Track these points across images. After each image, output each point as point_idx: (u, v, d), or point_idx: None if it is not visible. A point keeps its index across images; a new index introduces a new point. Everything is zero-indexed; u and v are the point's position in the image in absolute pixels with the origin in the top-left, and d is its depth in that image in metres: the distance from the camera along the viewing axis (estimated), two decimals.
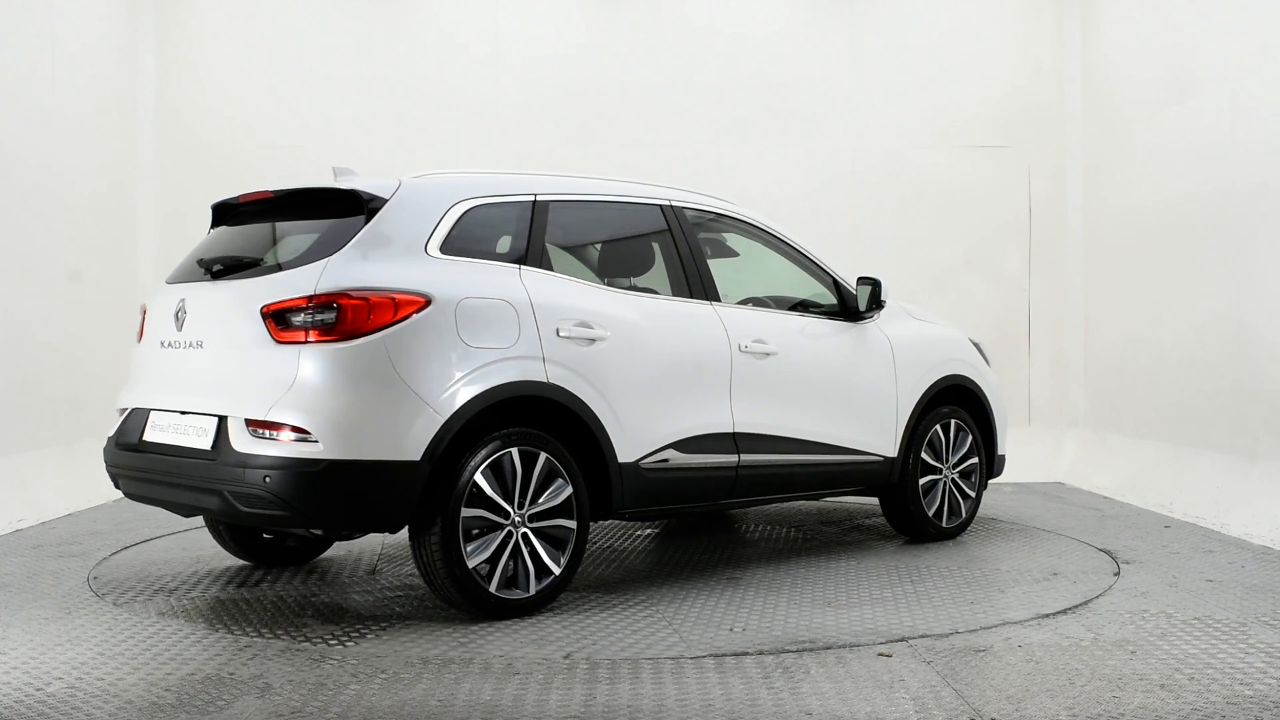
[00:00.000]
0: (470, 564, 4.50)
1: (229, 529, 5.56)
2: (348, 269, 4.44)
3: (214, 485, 4.46)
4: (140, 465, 4.90)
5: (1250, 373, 6.93)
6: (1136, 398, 8.44)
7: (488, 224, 4.91)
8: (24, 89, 7.49)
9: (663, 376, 5.10)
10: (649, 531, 6.74)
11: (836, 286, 6.04)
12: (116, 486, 5.15)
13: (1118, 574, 5.51)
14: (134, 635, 4.48)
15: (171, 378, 4.85)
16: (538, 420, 4.81)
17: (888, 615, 4.74)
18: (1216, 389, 7.30)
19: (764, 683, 3.85)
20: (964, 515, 6.47)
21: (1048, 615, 4.73)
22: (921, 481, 6.21)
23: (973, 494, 6.52)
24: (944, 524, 6.35)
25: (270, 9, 9.38)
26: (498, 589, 4.58)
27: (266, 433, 4.35)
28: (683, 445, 5.17)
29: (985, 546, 6.23)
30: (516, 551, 4.64)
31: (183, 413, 4.70)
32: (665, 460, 5.11)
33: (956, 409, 6.41)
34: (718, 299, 5.49)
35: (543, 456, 4.68)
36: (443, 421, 4.39)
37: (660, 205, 5.53)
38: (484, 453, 4.54)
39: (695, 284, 5.43)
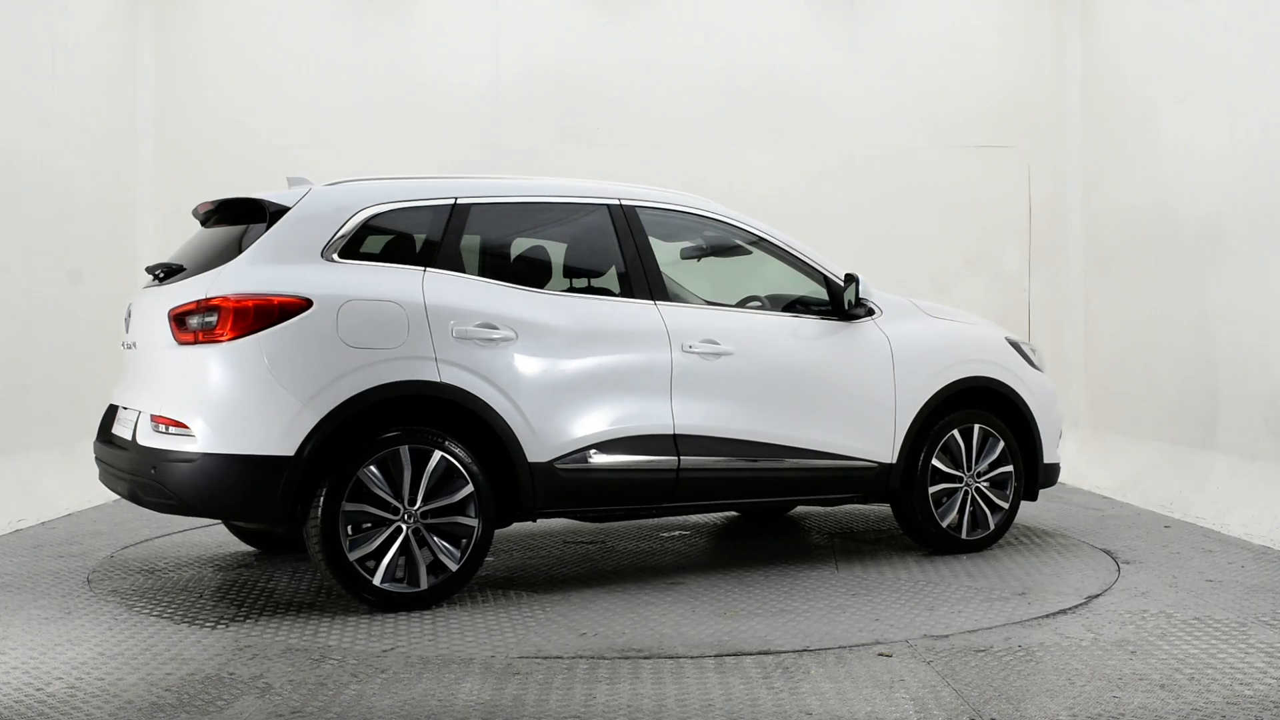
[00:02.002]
0: (352, 556, 4.68)
1: None
2: (239, 274, 4.72)
3: (126, 475, 4.90)
4: (104, 457, 5.25)
5: (1250, 373, 6.93)
6: (1136, 398, 8.44)
7: (397, 228, 5.08)
8: (24, 89, 7.49)
9: (584, 377, 5.07)
10: (678, 533, 6.71)
11: (827, 284, 5.77)
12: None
13: (1118, 574, 5.51)
14: (134, 635, 4.48)
15: (127, 376, 5.28)
16: (439, 419, 4.90)
17: (775, 627, 4.53)
18: (1216, 389, 7.30)
19: (764, 683, 3.85)
20: (991, 527, 6.00)
21: (1048, 615, 4.73)
22: (933, 490, 5.84)
23: (1005, 505, 6.04)
24: (964, 535, 5.93)
25: (270, 9, 9.38)
26: (382, 582, 4.73)
27: (161, 427, 4.72)
28: (608, 446, 5.10)
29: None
30: (408, 547, 4.76)
31: (124, 408, 5.14)
32: (586, 461, 5.06)
33: (982, 413, 6.00)
34: (665, 298, 5.38)
35: (437, 454, 4.79)
36: (318, 419, 4.59)
37: (608, 204, 5.45)
38: (368, 449, 4.69)
39: (639, 283, 5.36)
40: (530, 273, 5.39)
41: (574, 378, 5.06)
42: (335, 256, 4.84)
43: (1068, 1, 9.47)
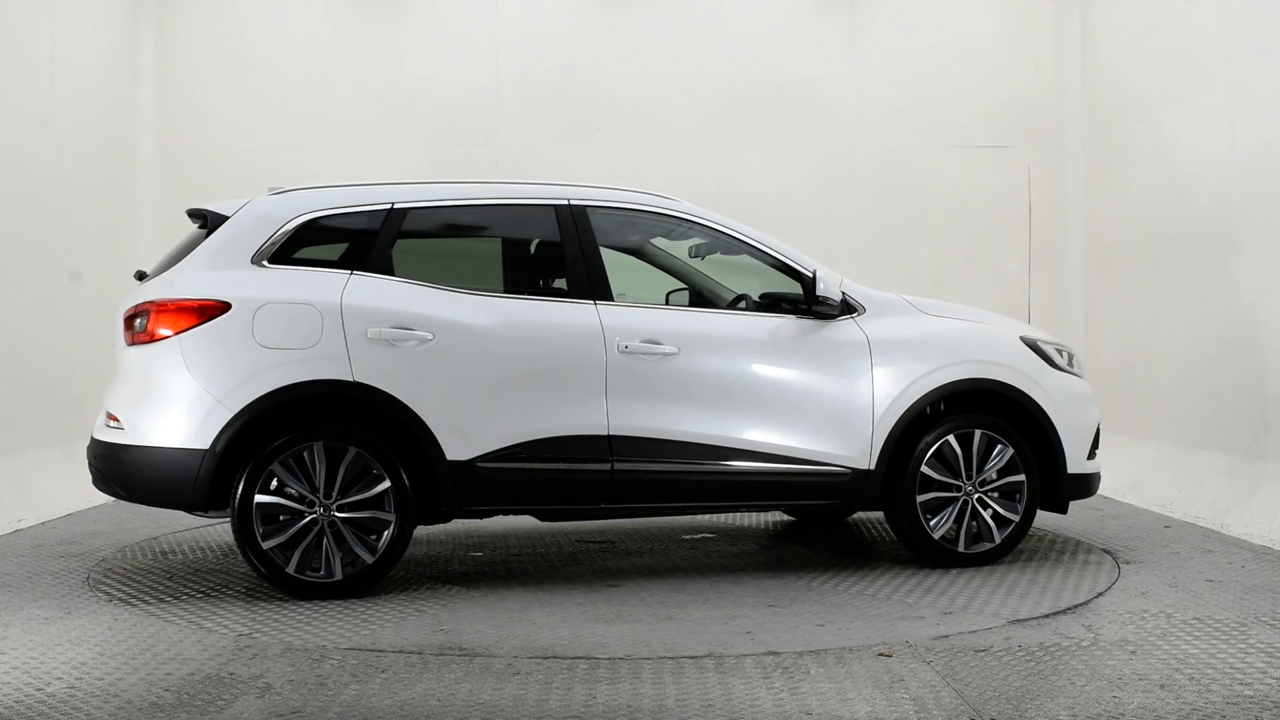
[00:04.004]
0: (265, 545, 4.93)
1: None
2: (174, 280, 5.13)
3: (90, 466, 5.36)
4: None
5: (1250, 373, 6.93)
6: (1136, 398, 8.44)
7: (329, 234, 5.30)
8: (24, 90, 7.49)
9: (508, 376, 5.14)
10: (701, 535, 6.64)
11: (801, 282, 5.54)
12: None
13: (1118, 574, 5.51)
14: (134, 635, 4.48)
15: None
16: (361, 417, 5.11)
17: (622, 635, 4.44)
18: (1216, 389, 7.30)
19: (764, 683, 3.85)
20: (996, 541, 5.59)
21: (1048, 615, 4.73)
22: (922, 498, 5.51)
23: (1016, 517, 5.62)
24: (961, 548, 5.57)
25: (269, 9, 9.38)
26: (295, 570, 4.97)
27: (108, 421, 5.19)
28: (536, 446, 5.14)
29: None
30: (322, 538, 4.99)
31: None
32: (510, 460, 5.11)
33: (986, 418, 5.61)
34: (609, 298, 5.34)
35: (352, 451, 4.98)
36: (230, 415, 4.90)
37: (556, 205, 5.45)
38: (280, 444, 4.94)
39: (581, 284, 5.34)
40: (467, 274, 5.45)
41: (497, 378, 5.14)
42: (265, 262, 5.12)
43: (1068, 2, 9.48)
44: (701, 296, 5.93)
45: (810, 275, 5.47)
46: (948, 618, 4.70)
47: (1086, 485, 5.89)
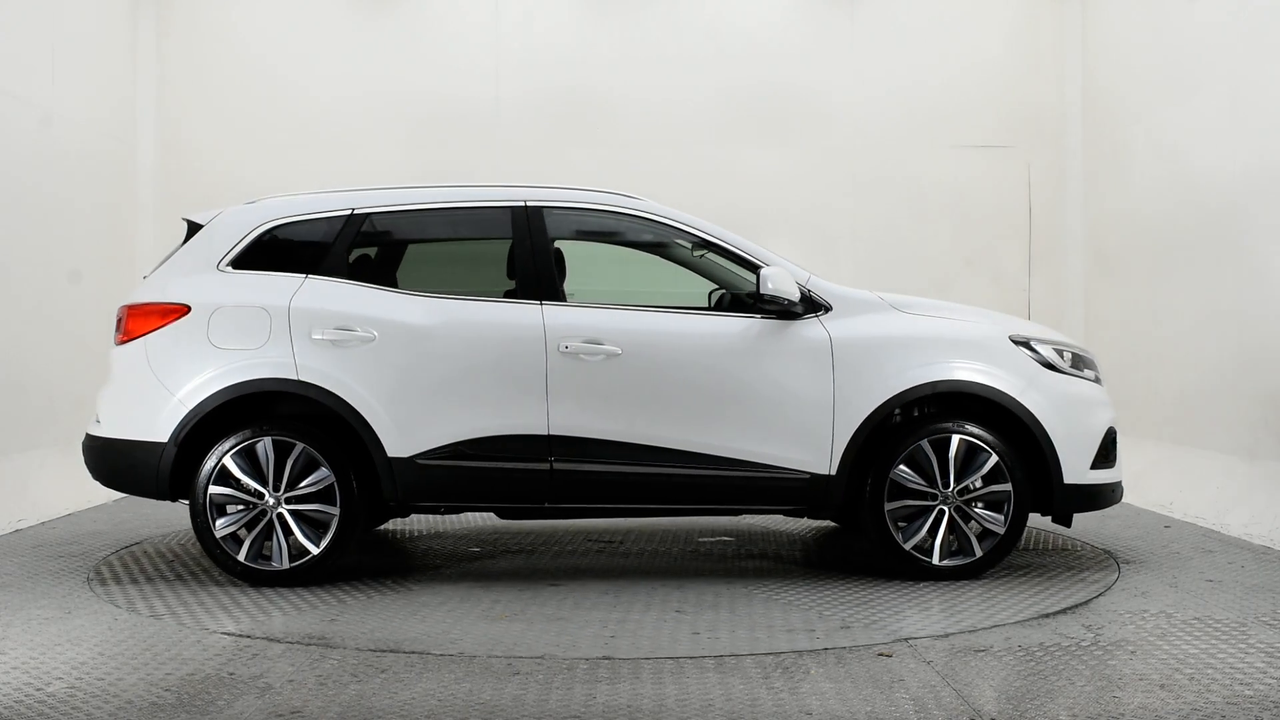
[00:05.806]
0: (218, 534, 5.24)
1: None
2: (151, 284, 5.53)
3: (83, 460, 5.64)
4: None
5: (1250, 373, 6.93)
6: (1136, 398, 8.44)
7: (290, 240, 5.55)
8: (24, 89, 7.49)
9: (450, 376, 5.26)
10: (720, 538, 6.63)
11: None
12: None
13: (1118, 574, 5.51)
14: (134, 635, 4.49)
15: None
16: (310, 415, 5.38)
17: (492, 633, 4.44)
18: (1216, 389, 7.30)
19: (764, 683, 3.85)
20: (977, 553, 5.30)
21: (1048, 615, 4.73)
22: (890, 507, 5.26)
23: (1000, 530, 5.30)
24: (935, 560, 5.29)
25: (270, 10, 9.38)
26: (246, 559, 5.25)
27: (96, 417, 5.54)
28: (477, 444, 5.23)
29: None
30: (271, 529, 5.26)
31: None
32: (450, 458, 5.23)
33: (965, 423, 5.31)
34: (558, 298, 5.34)
35: (299, 446, 5.24)
36: (187, 410, 5.24)
37: (512, 207, 5.50)
38: (232, 439, 5.25)
39: (530, 284, 5.36)
40: (425, 277, 5.61)
41: (439, 377, 5.26)
42: (229, 268, 5.44)
43: (1068, 2, 9.48)
44: (736, 296, 5.64)
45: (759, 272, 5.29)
46: (844, 631, 4.50)
47: (1093, 497, 5.47)
